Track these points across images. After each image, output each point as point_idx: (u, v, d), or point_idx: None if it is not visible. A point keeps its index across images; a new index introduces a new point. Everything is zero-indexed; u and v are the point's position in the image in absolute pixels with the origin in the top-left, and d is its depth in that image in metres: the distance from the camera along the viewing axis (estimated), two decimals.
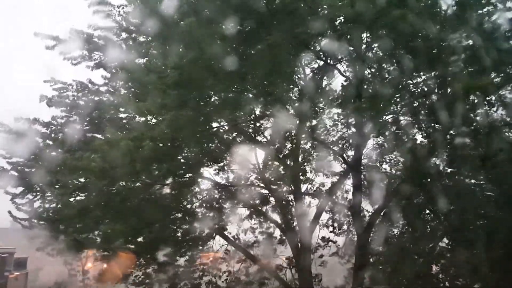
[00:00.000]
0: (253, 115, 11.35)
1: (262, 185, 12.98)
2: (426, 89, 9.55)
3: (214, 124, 10.32)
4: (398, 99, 9.73)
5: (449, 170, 10.57)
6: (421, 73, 9.43)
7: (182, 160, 9.86)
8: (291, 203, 12.76)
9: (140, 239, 9.88)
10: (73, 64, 10.00)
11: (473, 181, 10.44)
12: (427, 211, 11.16)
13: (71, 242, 9.51)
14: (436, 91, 9.39)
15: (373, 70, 9.87)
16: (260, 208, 13.36)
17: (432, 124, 9.97)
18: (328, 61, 10.36)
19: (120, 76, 9.96)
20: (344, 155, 12.19)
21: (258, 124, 11.69)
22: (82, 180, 8.80)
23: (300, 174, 12.41)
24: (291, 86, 10.14)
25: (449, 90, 9.05)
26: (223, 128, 10.43)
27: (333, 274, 14.86)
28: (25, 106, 10.38)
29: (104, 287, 16.97)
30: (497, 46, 8.04)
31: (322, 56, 10.04)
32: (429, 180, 10.50)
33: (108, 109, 10.19)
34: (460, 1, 8.34)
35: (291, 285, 12.70)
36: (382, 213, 11.39)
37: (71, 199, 9.17)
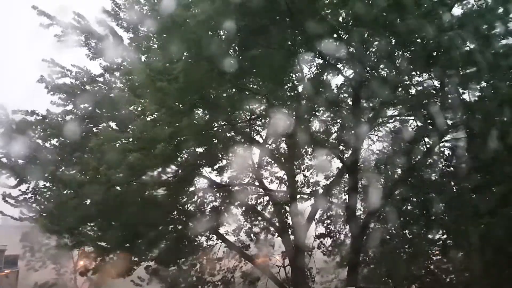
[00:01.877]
0: (252, 115, 11.31)
1: (258, 184, 12.98)
2: (425, 91, 9.58)
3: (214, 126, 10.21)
4: (396, 101, 9.75)
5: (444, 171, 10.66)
6: (421, 74, 9.47)
7: (182, 159, 9.78)
8: (287, 203, 12.74)
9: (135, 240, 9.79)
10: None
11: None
12: (419, 212, 11.20)
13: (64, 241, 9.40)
14: (435, 93, 9.42)
15: (372, 70, 9.87)
16: (256, 207, 13.35)
17: (429, 126, 10.01)
18: (328, 61, 10.33)
19: (119, 71, 9.84)
20: (341, 156, 12.20)
21: (256, 124, 11.65)
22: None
23: (296, 174, 12.43)
24: (290, 86, 10.10)
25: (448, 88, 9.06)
26: (222, 128, 10.35)
27: (327, 273, 14.87)
28: (24, 105, 10.14)
29: (96, 285, 16.80)
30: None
31: (321, 56, 10.00)
32: (424, 182, 10.57)
33: (106, 104, 10.01)
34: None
35: (285, 284, 12.72)
36: (377, 215, 11.42)
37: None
